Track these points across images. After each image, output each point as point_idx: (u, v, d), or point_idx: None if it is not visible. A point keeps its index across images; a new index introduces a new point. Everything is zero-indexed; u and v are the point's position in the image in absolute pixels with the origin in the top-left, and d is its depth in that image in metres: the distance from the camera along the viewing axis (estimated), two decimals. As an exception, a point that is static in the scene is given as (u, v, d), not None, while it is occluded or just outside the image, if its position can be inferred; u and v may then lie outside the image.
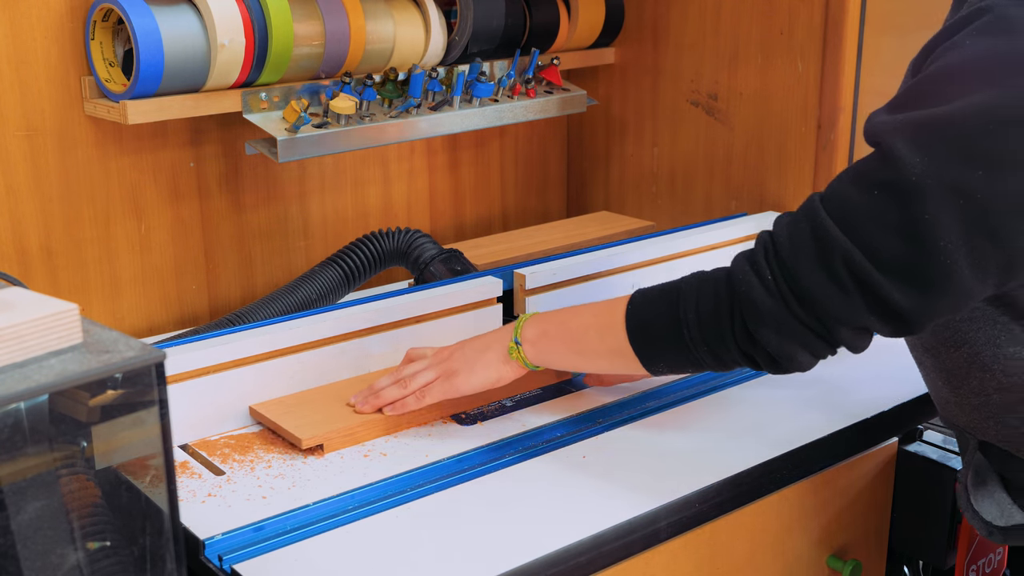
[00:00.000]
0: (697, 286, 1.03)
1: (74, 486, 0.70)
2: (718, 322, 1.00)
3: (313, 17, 1.47)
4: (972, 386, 1.06)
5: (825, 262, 0.93)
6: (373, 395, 1.20)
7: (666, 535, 1.06)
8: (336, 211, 1.72)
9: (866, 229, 0.92)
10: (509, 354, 1.16)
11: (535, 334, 1.15)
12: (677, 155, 1.84)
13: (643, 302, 1.08)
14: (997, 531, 1.09)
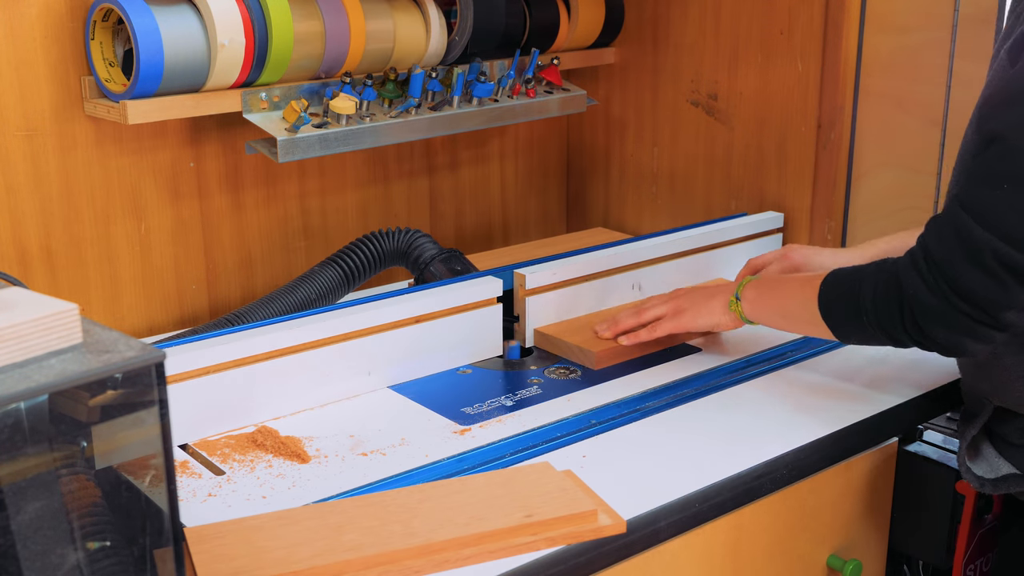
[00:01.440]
0: (874, 279, 1.13)
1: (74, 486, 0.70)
2: (890, 317, 1.11)
3: (313, 17, 1.47)
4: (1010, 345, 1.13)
5: (977, 261, 1.03)
6: (613, 323, 1.41)
7: (666, 535, 1.06)
8: (336, 211, 1.72)
9: (1005, 220, 1.01)
10: (729, 306, 1.33)
11: (753, 295, 1.30)
12: (677, 155, 1.84)
13: (833, 284, 1.18)
14: (988, 483, 1.18)
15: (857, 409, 1.25)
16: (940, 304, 1.06)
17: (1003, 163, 1.02)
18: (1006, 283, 1.02)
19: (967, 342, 1.07)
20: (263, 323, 1.27)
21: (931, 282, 1.07)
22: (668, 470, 1.12)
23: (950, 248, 1.05)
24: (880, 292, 1.12)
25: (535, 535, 0.97)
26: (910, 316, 1.09)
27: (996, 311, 1.04)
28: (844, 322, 1.17)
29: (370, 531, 0.96)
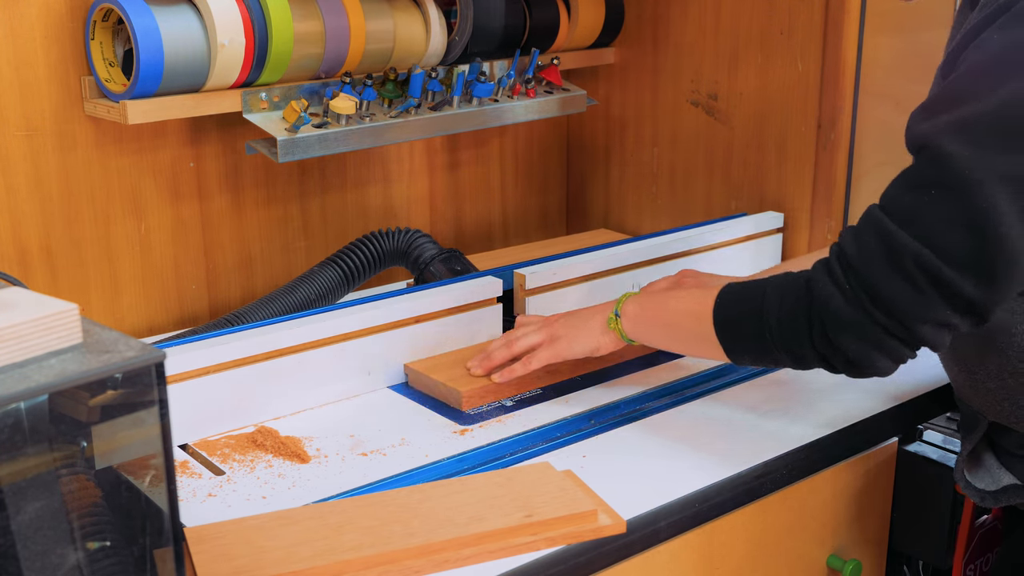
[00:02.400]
0: (780, 291, 1.06)
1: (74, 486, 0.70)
2: (796, 328, 1.03)
3: (313, 17, 1.47)
4: (989, 370, 1.10)
5: (897, 266, 0.97)
6: (486, 357, 1.30)
7: (666, 535, 1.06)
8: (336, 211, 1.72)
9: (930, 227, 0.95)
10: (608, 324, 1.24)
11: (634, 310, 1.22)
12: (677, 155, 1.84)
13: (731, 297, 1.11)
14: (989, 496, 1.15)
15: (857, 409, 1.25)
16: (854, 312, 0.99)
17: (932, 169, 0.97)
18: (926, 293, 0.96)
19: (876, 357, 1.01)
20: (263, 323, 1.27)
21: (846, 289, 1.00)
22: (668, 470, 1.12)
23: (870, 253, 0.99)
24: (787, 303, 1.05)
25: (535, 535, 0.97)
26: (819, 327, 1.02)
27: (912, 323, 0.98)
28: (741, 338, 1.09)
29: (370, 531, 0.96)
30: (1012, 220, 0.93)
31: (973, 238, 0.94)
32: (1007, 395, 1.10)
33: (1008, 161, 0.92)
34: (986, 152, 0.93)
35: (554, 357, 1.27)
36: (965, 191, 0.93)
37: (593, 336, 1.25)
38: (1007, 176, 0.92)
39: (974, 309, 0.97)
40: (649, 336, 1.22)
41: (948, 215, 0.95)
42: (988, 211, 0.93)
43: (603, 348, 1.25)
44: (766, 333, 1.06)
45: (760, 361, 1.10)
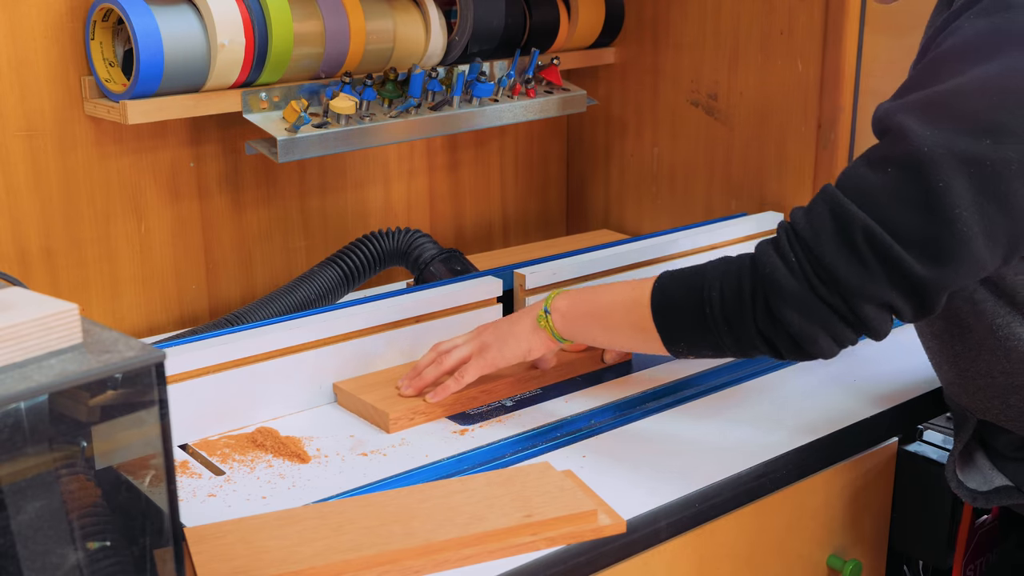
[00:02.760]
0: (722, 268, 1.03)
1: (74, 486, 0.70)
2: (740, 303, 1.00)
3: (313, 17, 1.47)
4: (979, 368, 1.10)
5: (846, 239, 0.95)
6: (416, 376, 1.24)
7: (666, 535, 1.06)
8: (336, 211, 1.72)
9: (884, 204, 0.94)
10: (538, 322, 1.18)
11: (565, 305, 1.17)
12: (677, 155, 1.84)
13: (670, 281, 1.08)
14: (980, 496, 1.14)
15: (857, 409, 1.25)
16: (797, 285, 0.97)
17: (890, 147, 0.95)
18: (872, 269, 0.94)
19: (820, 336, 0.98)
20: (263, 323, 1.27)
21: (791, 261, 0.97)
22: (668, 470, 1.12)
23: (820, 225, 0.96)
24: (729, 281, 1.01)
25: (535, 535, 0.97)
26: (762, 301, 0.99)
27: (856, 300, 0.96)
28: (680, 322, 1.06)
29: (370, 531, 0.96)
30: (966, 203, 0.92)
31: (926, 217, 0.92)
32: (996, 393, 1.10)
33: (969, 144, 0.91)
34: (945, 132, 0.92)
35: (486, 367, 1.21)
36: (921, 169, 0.92)
37: (523, 339, 1.20)
38: (965, 158, 0.91)
39: (919, 292, 0.95)
40: (582, 330, 1.17)
41: (902, 192, 0.93)
42: (943, 191, 0.91)
43: (535, 350, 1.20)
44: (706, 311, 1.02)
45: (699, 347, 1.06)
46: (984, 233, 0.92)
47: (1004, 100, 0.91)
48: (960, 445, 1.16)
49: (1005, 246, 0.94)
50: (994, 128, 0.91)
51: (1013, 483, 1.13)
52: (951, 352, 1.13)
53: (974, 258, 0.93)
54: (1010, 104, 0.91)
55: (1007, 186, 0.91)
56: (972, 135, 0.91)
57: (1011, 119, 0.91)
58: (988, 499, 1.14)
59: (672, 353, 1.09)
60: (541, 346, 1.20)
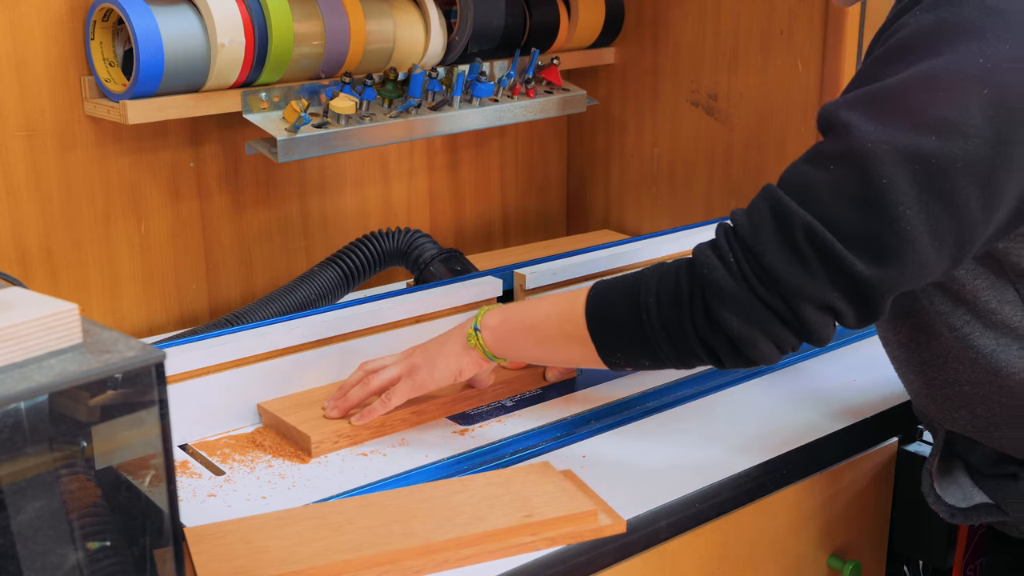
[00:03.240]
0: (659, 272, 0.99)
1: (74, 486, 0.70)
2: (678, 306, 0.96)
3: (313, 17, 1.47)
4: (947, 377, 1.07)
5: (787, 238, 0.91)
6: (342, 397, 1.18)
7: (666, 535, 1.06)
8: (336, 211, 1.72)
9: (825, 202, 0.90)
10: (468, 341, 1.13)
11: (495, 321, 1.12)
12: (677, 155, 1.84)
13: (604, 288, 1.04)
14: (959, 512, 1.11)
15: (857, 409, 1.25)
16: (736, 286, 0.93)
17: (833, 143, 0.91)
18: (813, 268, 0.90)
19: (760, 340, 0.94)
20: (263, 323, 1.27)
21: (730, 261, 0.94)
22: (668, 470, 1.12)
23: (760, 223, 0.93)
24: (666, 285, 0.97)
25: (535, 535, 0.97)
26: (700, 304, 0.95)
27: (796, 301, 0.91)
28: (616, 330, 1.01)
29: (370, 531, 0.96)
30: (910, 200, 0.88)
31: (868, 215, 0.89)
32: (963, 403, 1.07)
33: (914, 140, 0.88)
34: (889, 127, 0.89)
35: (415, 390, 1.16)
36: (864, 165, 0.89)
37: (453, 358, 1.14)
38: (909, 154, 0.88)
39: (861, 293, 0.91)
40: (514, 347, 1.11)
41: (845, 190, 0.90)
42: (887, 188, 0.88)
43: (466, 370, 1.14)
44: (643, 317, 0.98)
45: (636, 357, 1.01)
46: (930, 232, 0.89)
47: (950, 96, 0.88)
48: (935, 459, 1.13)
49: (952, 246, 0.91)
50: (939, 124, 0.88)
51: (992, 500, 1.10)
52: (918, 360, 1.09)
53: (919, 259, 0.90)
54: (956, 100, 0.88)
55: (952, 184, 0.88)
56: (917, 131, 0.88)
57: (957, 115, 0.88)
58: (967, 516, 1.10)
59: (609, 366, 1.04)
60: (472, 366, 1.14)
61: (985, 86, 0.88)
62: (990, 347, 1.01)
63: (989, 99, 0.88)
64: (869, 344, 1.43)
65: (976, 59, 0.88)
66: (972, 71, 0.88)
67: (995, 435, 1.07)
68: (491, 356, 1.13)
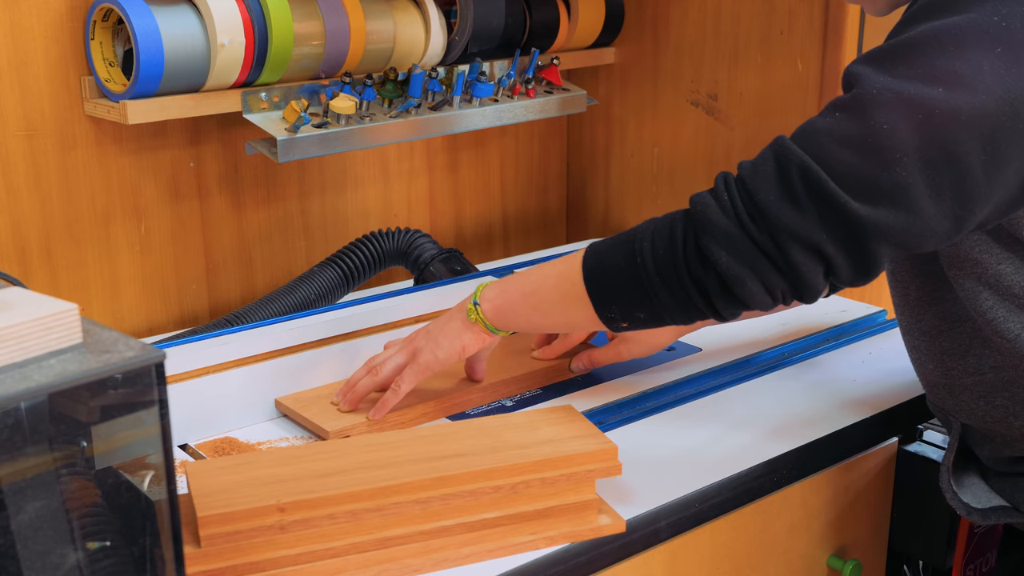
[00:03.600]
0: (655, 221, 1.01)
1: (74, 486, 0.70)
2: (671, 246, 0.97)
3: (313, 17, 1.47)
4: (969, 364, 1.06)
5: (782, 177, 0.92)
6: (351, 390, 1.19)
7: (666, 535, 1.06)
8: (336, 211, 1.72)
9: (825, 145, 0.91)
10: (468, 316, 1.12)
11: (494, 292, 1.12)
12: (677, 155, 1.84)
13: (601, 243, 1.04)
14: (976, 512, 1.10)
15: (857, 409, 1.25)
16: (727, 222, 0.93)
17: (846, 96, 0.93)
18: (804, 206, 0.90)
19: (749, 279, 0.93)
20: (263, 323, 1.27)
21: (724, 200, 0.94)
22: (668, 470, 1.12)
23: (761, 168, 0.94)
24: (661, 230, 0.99)
25: (535, 534, 0.97)
26: (692, 241, 0.96)
27: (786, 239, 0.91)
28: (613, 282, 1.01)
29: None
30: (909, 148, 0.88)
31: (865, 158, 0.89)
32: (984, 392, 1.07)
33: (920, 90, 0.88)
34: (900, 78, 0.89)
35: (422, 372, 1.15)
36: (867, 109, 0.89)
37: (455, 336, 1.14)
38: (915, 104, 0.88)
39: (854, 236, 0.90)
40: (514, 316, 1.11)
41: (845, 133, 0.90)
42: (886, 134, 0.88)
43: (470, 346, 1.14)
44: (637, 261, 0.99)
45: (632, 308, 1.01)
46: (927, 183, 0.89)
47: (961, 50, 0.88)
48: (951, 454, 1.13)
49: (952, 202, 0.90)
50: (948, 76, 0.87)
51: (1010, 503, 1.09)
52: (939, 349, 1.09)
53: (915, 207, 0.89)
54: (967, 54, 0.88)
55: (954, 136, 0.87)
56: (923, 81, 0.88)
57: (966, 69, 0.87)
58: (985, 516, 1.10)
59: (606, 323, 1.03)
60: (476, 341, 1.14)
61: (999, 44, 0.88)
62: (1015, 331, 1.01)
63: (1002, 57, 0.88)
64: (870, 344, 1.43)
65: (992, 16, 0.88)
66: (986, 27, 0.88)
67: (1015, 424, 1.07)
68: (493, 329, 1.13)
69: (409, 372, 1.15)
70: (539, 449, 0.98)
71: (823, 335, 1.45)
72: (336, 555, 0.92)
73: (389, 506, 0.92)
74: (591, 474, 0.98)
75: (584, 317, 1.04)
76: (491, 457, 0.96)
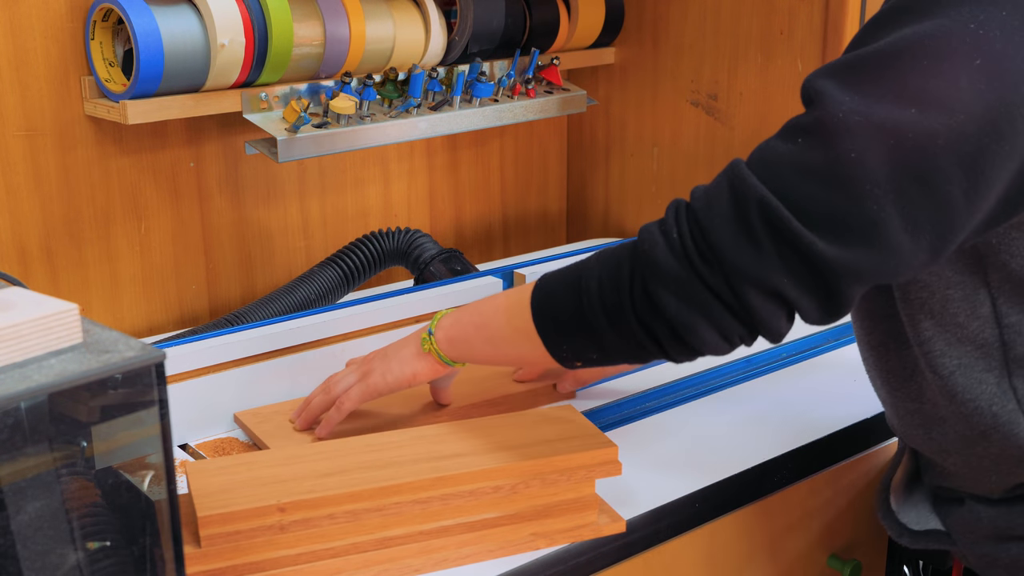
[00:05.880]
0: (602, 255, 0.93)
1: (74, 486, 0.70)
2: (618, 288, 0.89)
3: (313, 17, 1.47)
4: (911, 390, 1.00)
5: (739, 214, 0.83)
6: (306, 408, 1.15)
7: (666, 535, 1.06)
8: (336, 211, 1.72)
9: (786, 177, 0.81)
10: (422, 346, 1.08)
11: (449, 322, 1.06)
12: (677, 155, 1.84)
13: (550, 277, 0.97)
14: (908, 534, 1.04)
15: (857, 409, 1.25)
16: (676, 263, 0.85)
17: (805, 116, 0.83)
18: (763, 247, 0.81)
19: (701, 325, 0.85)
20: (263, 323, 1.27)
21: (673, 237, 0.86)
22: (668, 470, 1.12)
23: (715, 200, 0.84)
24: (607, 267, 0.90)
25: (535, 534, 0.97)
26: (640, 283, 0.87)
27: (740, 283, 0.82)
28: (561, 320, 0.93)
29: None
30: (880, 178, 0.79)
31: (833, 191, 0.79)
32: (921, 421, 1.00)
33: (891, 112, 0.78)
34: (868, 97, 0.79)
35: (366, 394, 1.10)
36: (833, 136, 0.80)
37: (407, 363, 1.08)
38: (885, 128, 0.78)
39: (823, 279, 0.81)
40: (468, 347, 1.05)
41: (809, 163, 0.80)
42: (854, 163, 0.79)
43: (421, 374, 1.09)
44: (584, 301, 0.91)
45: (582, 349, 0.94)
46: (902, 215, 0.79)
47: (936, 65, 0.78)
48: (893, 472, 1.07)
49: (930, 234, 0.81)
50: (920, 96, 0.78)
51: (945, 529, 1.02)
52: (885, 368, 1.02)
53: (890, 244, 0.80)
54: (942, 70, 0.78)
55: (931, 164, 0.78)
56: (894, 102, 0.78)
57: (942, 87, 0.78)
58: (915, 539, 1.04)
59: (559, 361, 0.97)
60: (428, 370, 1.09)
61: (976, 55, 0.78)
62: (950, 367, 0.94)
63: (981, 70, 0.78)
64: (869, 344, 1.43)
65: (967, 24, 0.79)
66: (963, 36, 0.79)
67: (948, 461, 1.01)
68: (446, 360, 1.08)
69: (355, 390, 1.11)
70: (539, 449, 0.98)
71: (824, 335, 1.45)
72: (336, 555, 0.92)
73: (389, 506, 0.92)
74: (591, 474, 0.98)
75: (537, 354, 0.97)
76: (491, 457, 0.96)
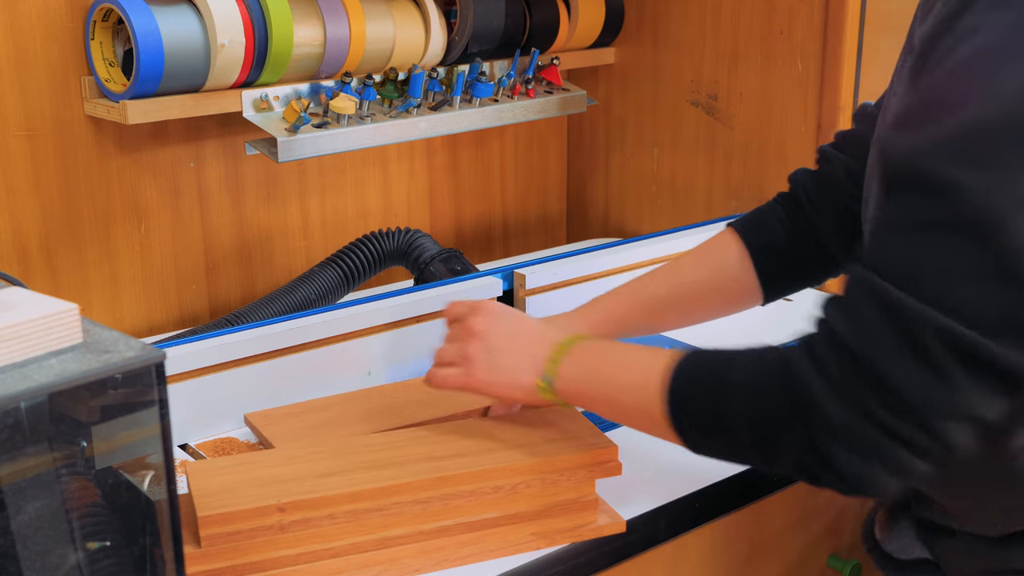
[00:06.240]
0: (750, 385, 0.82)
1: (74, 486, 0.70)
2: (774, 435, 0.80)
3: (313, 17, 1.47)
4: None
5: (910, 343, 0.72)
6: None
7: (666, 535, 1.06)
8: (336, 211, 1.72)
9: (946, 286, 0.71)
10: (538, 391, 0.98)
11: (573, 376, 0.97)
12: (677, 155, 1.84)
13: (687, 384, 0.87)
14: (892, 564, 1.01)
15: (857, 409, 1.25)
16: (850, 415, 0.74)
17: (931, 204, 0.72)
18: (950, 375, 0.71)
19: (880, 475, 0.75)
20: (263, 323, 1.27)
21: (836, 381, 0.75)
22: (668, 470, 1.12)
23: (869, 330, 0.74)
24: (763, 403, 0.80)
25: (535, 534, 0.97)
26: (804, 435, 0.77)
27: (933, 420, 0.72)
28: (703, 441, 0.87)
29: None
30: None
31: (1007, 287, 0.70)
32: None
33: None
34: (1003, 171, 0.70)
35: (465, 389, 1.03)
36: (984, 228, 0.70)
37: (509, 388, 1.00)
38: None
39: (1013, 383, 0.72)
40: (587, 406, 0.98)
41: (967, 264, 0.71)
42: (1020, 250, 0.69)
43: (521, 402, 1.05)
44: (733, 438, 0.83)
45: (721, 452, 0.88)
46: None
47: None
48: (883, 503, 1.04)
49: None
50: None
51: (933, 558, 0.97)
52: None
53: None
54: None
55: None
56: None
57: None
58: (903, 569, 0.99)
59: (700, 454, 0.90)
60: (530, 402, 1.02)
61: None
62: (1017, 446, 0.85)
63: None
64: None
65: None
66: None
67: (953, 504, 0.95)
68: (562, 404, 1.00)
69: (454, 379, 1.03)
70: (539, 449, 0.98)
71: (823, 335, 1.44)
72: (336, 555, 0.92)
73: (389, 506, 0.92)
74: (591, 474, 0.98)
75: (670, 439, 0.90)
76: (491, 457, 0.96)
